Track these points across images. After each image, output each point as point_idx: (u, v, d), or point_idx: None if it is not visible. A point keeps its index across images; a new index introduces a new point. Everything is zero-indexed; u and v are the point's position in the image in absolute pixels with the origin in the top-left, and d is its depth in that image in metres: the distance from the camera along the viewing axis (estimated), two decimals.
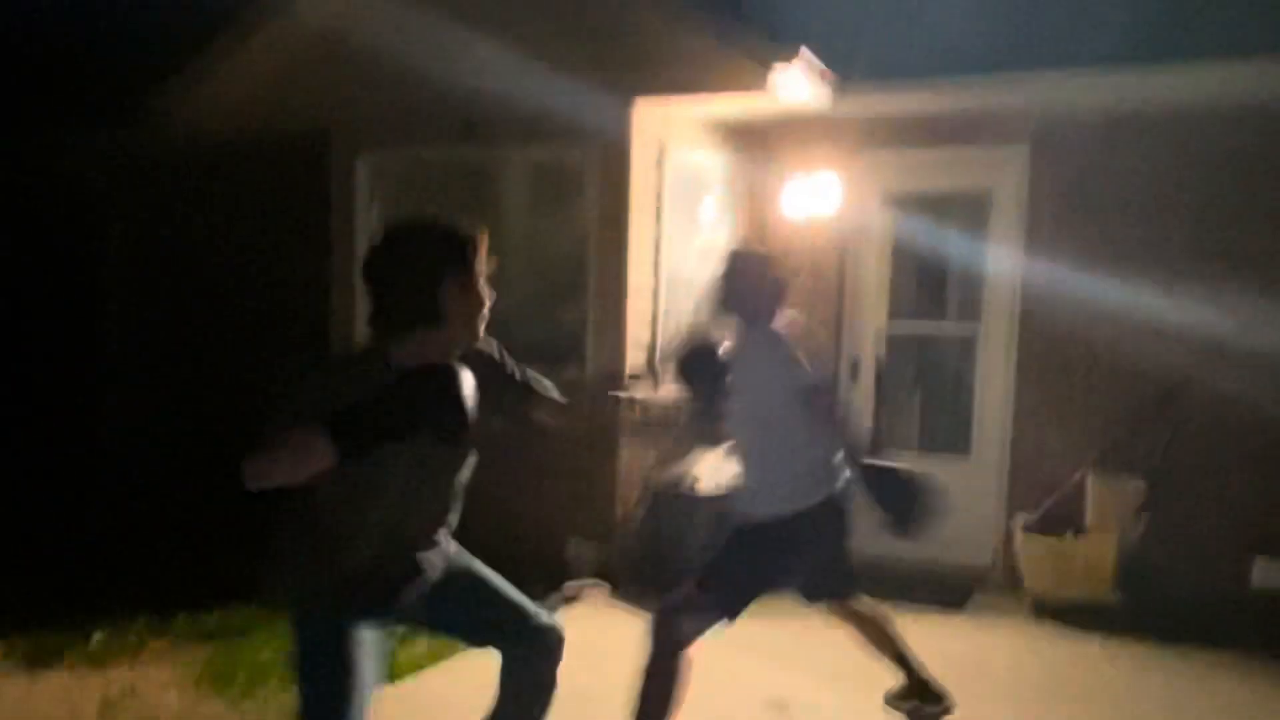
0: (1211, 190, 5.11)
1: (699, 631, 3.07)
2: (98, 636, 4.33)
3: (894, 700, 3.59)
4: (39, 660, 4.08)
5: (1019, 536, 5.19)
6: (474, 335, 2.42)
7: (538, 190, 5.62)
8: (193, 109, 6.31)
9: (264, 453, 2.12)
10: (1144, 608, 4.86)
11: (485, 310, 2.39)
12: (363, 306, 5.91)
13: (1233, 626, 4.71)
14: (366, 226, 6.04)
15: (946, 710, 3.51)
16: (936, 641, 4.66)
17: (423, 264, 2.30)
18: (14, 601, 4.74)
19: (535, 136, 5.38)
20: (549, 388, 2.61)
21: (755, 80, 4.92)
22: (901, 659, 3.54)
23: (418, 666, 4.14)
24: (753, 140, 5.92)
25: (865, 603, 3.57)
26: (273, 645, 4.26)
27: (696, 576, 3.18)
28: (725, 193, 5.92)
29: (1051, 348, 5.45)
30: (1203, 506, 5.12)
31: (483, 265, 2.36)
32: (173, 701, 3.73)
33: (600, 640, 4.47)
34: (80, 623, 4.44)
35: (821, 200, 5.74)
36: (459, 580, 2.65)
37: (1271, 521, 4.99)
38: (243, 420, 5.94)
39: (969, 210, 5.80)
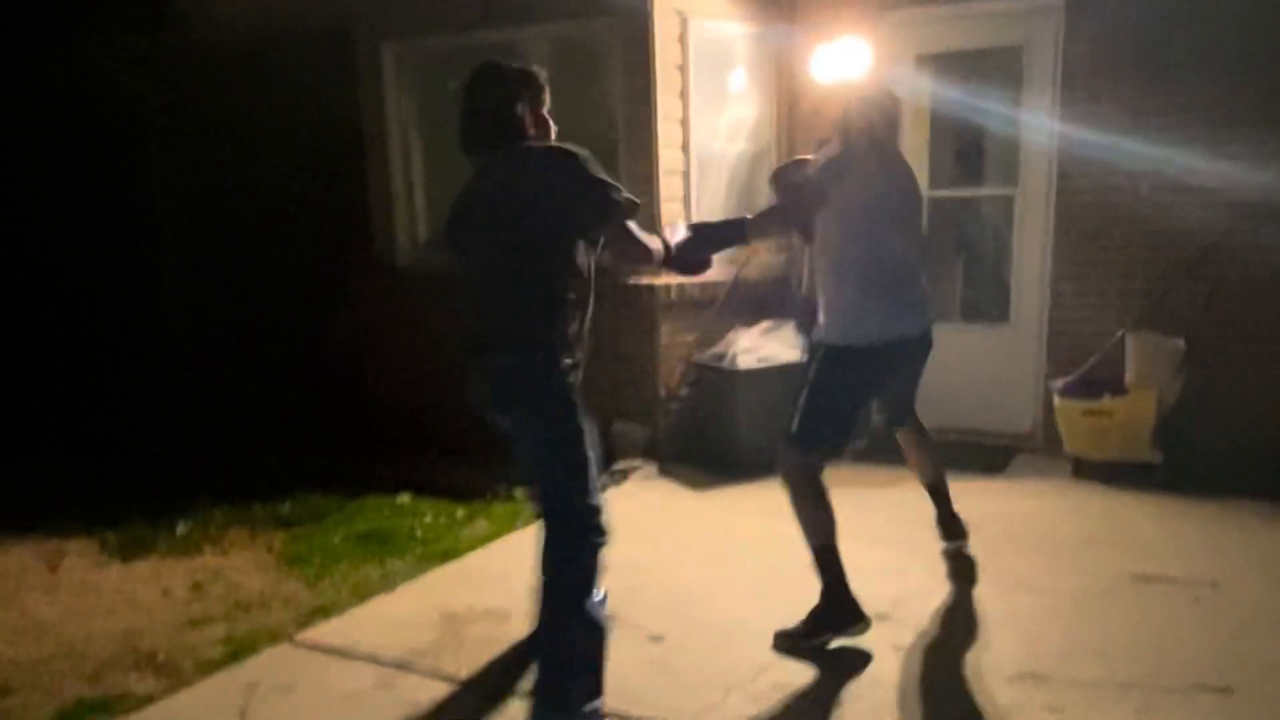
0: (1253, 44, 4.92)
1: (821, 459, 3.36)
2: (182, 527, 4.64)
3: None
4: (130, 551, 4.40)
5: (1058, 400, 5.25)
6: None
7: (561, 69, 5.56)
8: (215, 8, 6.29)
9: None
10: (1183, 465, 4.92)
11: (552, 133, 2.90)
12: (401, 189, 6.04)
13: (1271, 481, 4.77)
14: (396, 114, 6.07)
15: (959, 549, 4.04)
16: (977, 502, 4.82)
17: (502, 94, 2.79)
18: (102, 499, 5.06)
19: (555, 14, 5.31)
20: None
21: None
22: (937, 490, 4.00)
23: (479, 543, 4.39)
24: (780, 7, 5.79)
25: (926, 435, 4.01)
26: (343, 530, 4.56)
27: (799, 410, 3.38)
28: (753, 64, 5.82)
29: (1088, 209, 5.38)
30: (1241, 363, 5.12)
31: (546, 99, 2.89)
32: (256, 582, 4.01)
33: (647, 514, 4.70)
34: (164, 516, 4.75)
35: (851, 65, 5.62)
36: None
37: None
38: (298, 314, 6.17)
39: (1003, 68, 5.64)
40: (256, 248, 6.68)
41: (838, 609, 3.29)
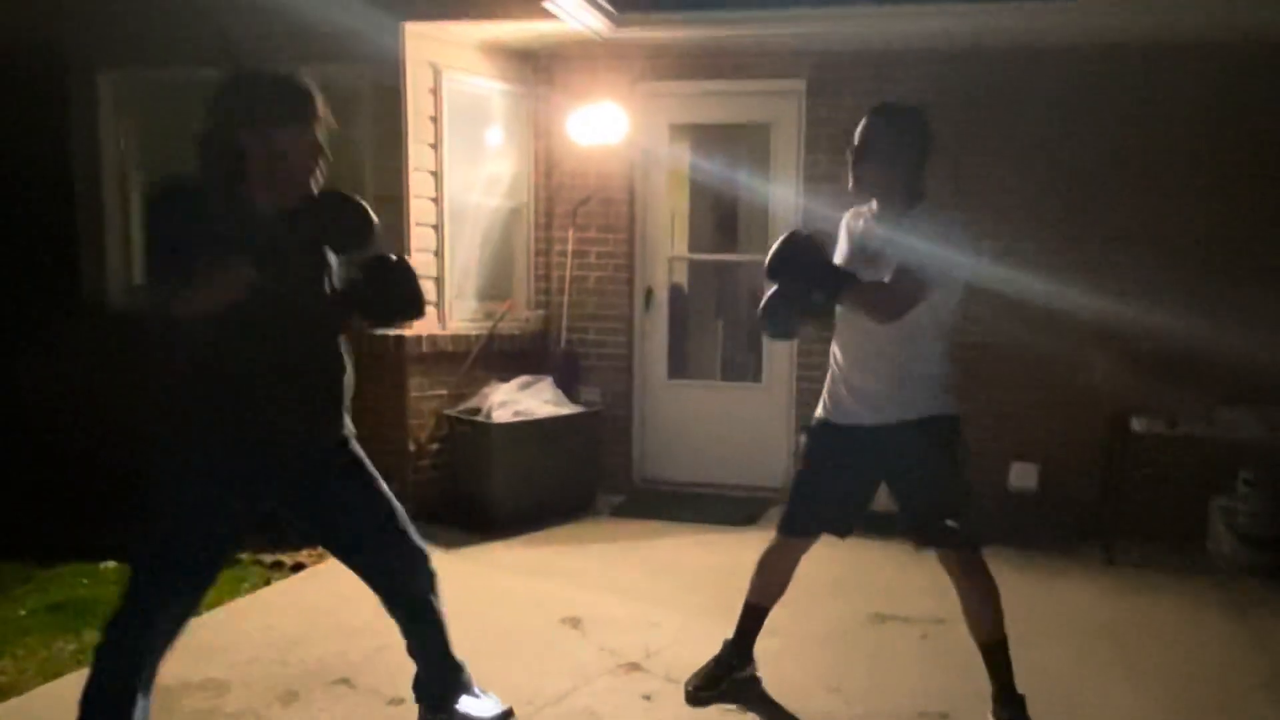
0: (972, 128, 5.40)
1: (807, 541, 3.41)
2: None
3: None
4: None
5: None
6: (280, 197, 2.43)
7: None
8: None
9: (194, 288, 2.20)
10: None
11: (292, 170, 2.40)
12: (112, 228, 5.53)
13: (993, 523, 5.13)
14: (114, 148, 5.62)
15: None
16: (731, 552, 4.88)
17: (227, 120, 2.38)
18: None
19: (299, 55, 5.09)
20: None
21: (531, 5, 4.84)
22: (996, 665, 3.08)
23: None
24: (536, 70, 5.86)
25: (978, 569, 3.19)
26: (31, 602, 4.01)
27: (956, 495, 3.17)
28: (510, 122, 5.84)
29: None
30: (970, 420, 5.49)
31: (304, 125, 2.39)
32: None
33: None
34: None
35: (607, 130, 5.75)
36: (351, 472, 2.71)
37: (1023, 431, 5.46)
38: None
39: (755, 142, 5.96)
40: None
41: None
